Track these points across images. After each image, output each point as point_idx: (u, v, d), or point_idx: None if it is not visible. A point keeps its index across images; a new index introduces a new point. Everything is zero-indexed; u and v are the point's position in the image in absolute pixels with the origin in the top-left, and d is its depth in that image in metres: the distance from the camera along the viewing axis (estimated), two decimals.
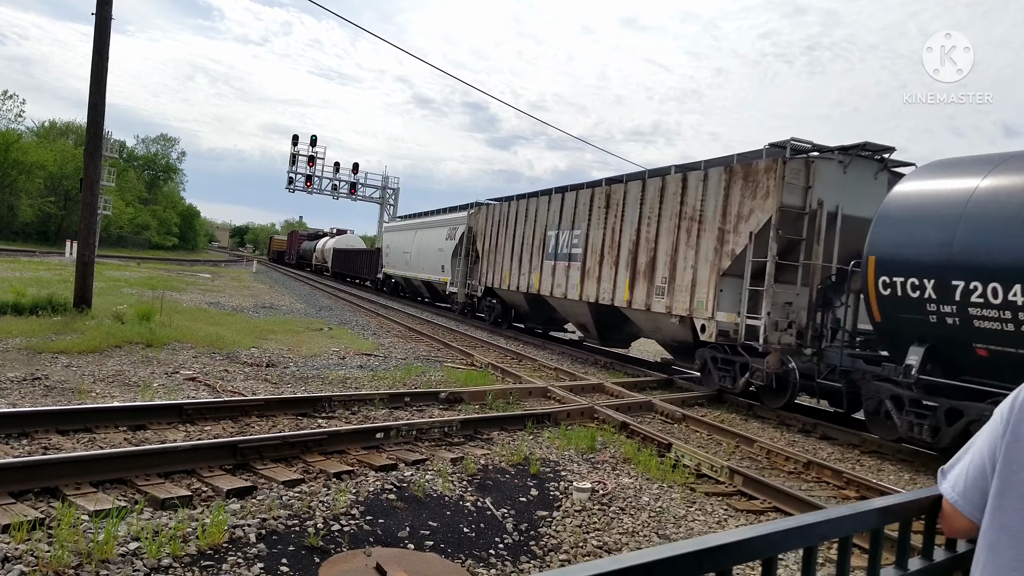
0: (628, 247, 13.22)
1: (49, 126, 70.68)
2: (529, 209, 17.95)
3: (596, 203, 14.69)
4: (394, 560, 3.92)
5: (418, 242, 26.86)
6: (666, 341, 13.16)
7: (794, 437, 8.96)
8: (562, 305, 16.29)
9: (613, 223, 13.87)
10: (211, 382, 8.43)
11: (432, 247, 24.98)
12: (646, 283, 12.48)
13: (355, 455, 5.90)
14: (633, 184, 13.52)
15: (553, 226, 16.44)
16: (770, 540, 1.32)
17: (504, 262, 18.92)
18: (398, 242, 30.06)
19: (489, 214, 20.61)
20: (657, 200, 12.46)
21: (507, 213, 19.19)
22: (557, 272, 15.94)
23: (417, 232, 27.42)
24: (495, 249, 19.75)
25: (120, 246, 62.63)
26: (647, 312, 12.54)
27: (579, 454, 6.78)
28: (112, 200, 52.91)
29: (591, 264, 14.45)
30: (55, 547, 3.52)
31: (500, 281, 19.16)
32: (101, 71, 13.23)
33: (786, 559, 4.46)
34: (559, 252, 15.95)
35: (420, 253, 26.40)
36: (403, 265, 28.95)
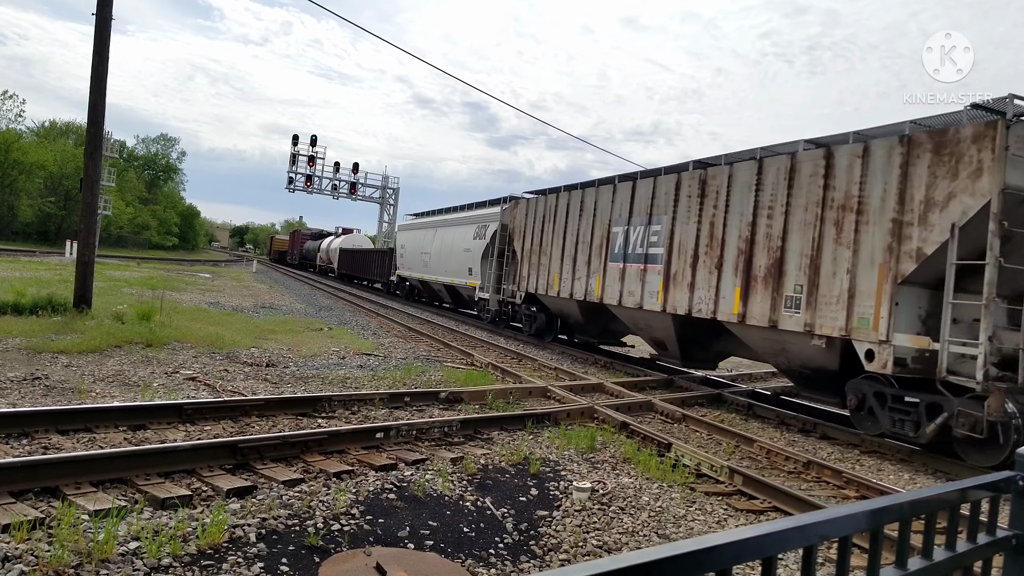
0: (737, 246, 10.44)
1: (49, 126, 70.74)
2: (585, 202, 15.12)
3: (684, 192, 11.92)
4: (394, 560, 3.92)
5: (440, 242, 24.67)
6: (792, 367, 10.04)
7: (794, 437, 8.97)
8: (632, 317, 13.48)
9: (712, 216, 11.11)
10: (211, 382, 8.43)
11: (457, 247, 22.80)
12: (768, 292, 9.72)
13: (355, 455, 5.90)
14: (743, 167, 10.64)
15: (620, 221, 13.64)
16: (770, 540, 1.32)
17: (551, 264, 16.26)
18: (415, 242, 27.74)
19: (530, 209, 17.83)
20: (783, 185, 9.64)
21: (554, 207, 16.52)
22: (628, 277, 13.21)
23: (438, 231, 25.23)
24: (538, 249, 17.04)
25: (120, 246, 62.64)
26: (771, 330, 9.66)
27: (579, 454, 6.78)
28: (112, 200, 52.92)
29: (679, 267, 11.75)
30: (55, 547, 3.52)
31: (546, 286, 16.44)
32: (101, 71, 13.23)
33: (786, 559, 4.46)
34: (629, 252, 13.24)
35: (442, 254, 24.22)
36: (421, 267, 26.70)
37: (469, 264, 21.66)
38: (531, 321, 17.97)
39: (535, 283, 17.14)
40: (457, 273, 22.79)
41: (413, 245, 28.04)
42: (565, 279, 15.59)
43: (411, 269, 28.24)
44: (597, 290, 14.21)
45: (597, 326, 15.87)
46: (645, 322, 13.22)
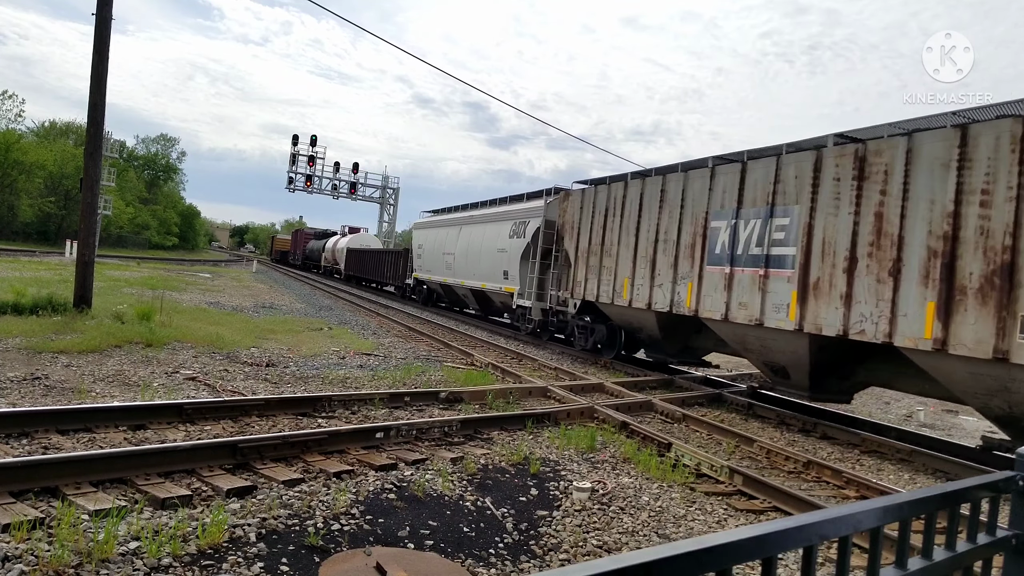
0: (927, 245, 7.80)
1: (49, 126, 70.75)
2: (669, 191, 12.28)
3: (828, 173, 9.13)
4: (394, 560, 3.92)
5: (466, 241, 22.17)
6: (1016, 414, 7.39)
7: (794, 437, 8.97)
8: (740, 335, 10.55)
9: (878, 204, 8.40)
10: (211, 382, 8.43)
11: (488, 247, 20.33)
12: (989, 310, 7.12)
13: (355, 455, 5.90)
14: (927, 138, 7.95)
15: (723, 214, 10.83)
16: (770, 540, 1.32)
17: (618, 268, 13.49)
18: (436, 241, 25.11)
19: (586, 202, 15.07)
20: (1007, 160, 7.11)
21: (620, 199, 13.67)
22: (738, 284, 10.34)
23: (463, 229, 22.75)
24: (599, 250, 14.28)
25: (120, 246, 62.66)
26: (994, 364, 7.10)
27: (579, 454, 6.78)
28: (112, 200, 52.93)
29: (822, 273, 9.03)
30: (55, 546, 3.52)
31: (610, 294, 13.66)
32: (101, 71, 13.23)
33: (786, 559, 4.46)
34: (739, 254, 10.40)
35: (469, 255, 21.69)
36: (442, 269, 24.14)
37: (504, 267, 19.12)
38: (586, 334, 15.26)
39: (595, 289, 14.27)
40: (489, 276, 20.20)
41: (433, 245, 25.39)
42: (639, 285, 12.78)
43: (431, 272, 25.68)
44: (689, 300, 11.38)
45: (677, 342, 12.99)
46: (761, 342, 10.23)
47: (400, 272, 30.89)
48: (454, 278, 23.10)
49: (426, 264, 26.37)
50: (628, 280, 13.17)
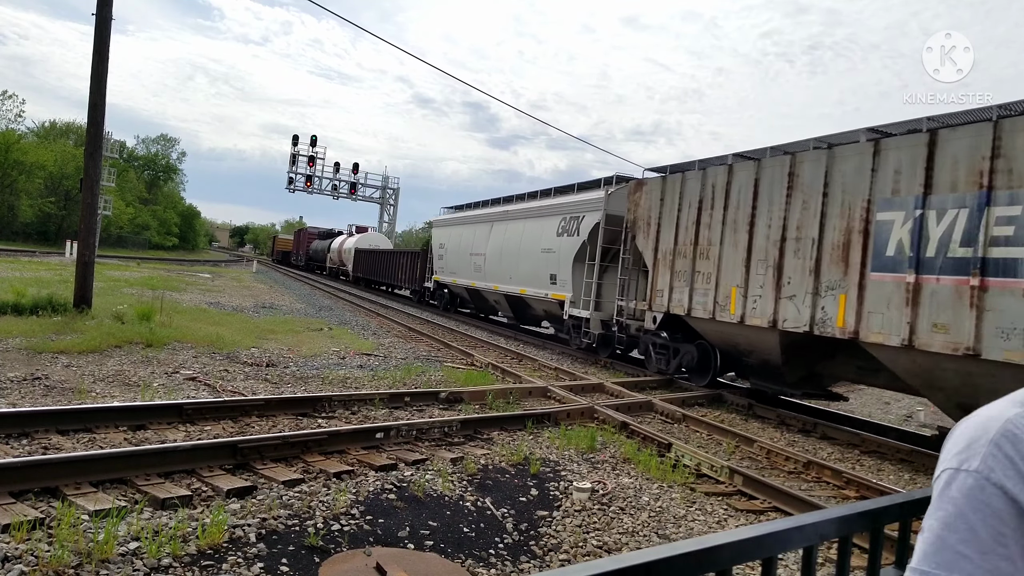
0: None
1: (49, 126, 70.76)
2: (802, 173, 9.49)
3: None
4: (394, 560, 3.92)
5: (499, 240, 19.47)
6: None
7: (794, 437, 8.97)
8: (930, 368, 7.86)
9: None
10: (211, 382, 8.43)
11: (529, 247, 17.64)
12: None
13: (355, 455, 5.90)
14: None
15: (897, 203, 8.21)
16: (770, 540, 1.32)
17: (721, 274, 10.77)
18: (461, 241, 22.42)
19: (669, 192, 12.32)
20: None
21: (723, 187, 10.92)
22: (929, 298, 7.71)
23: (495, 226, 20.02)
24: (690, 250, 11.56)
25: (120, 246, 62.65)
26: None
27: (579, 454, 6.78)
28: (112, 200, 52.94)
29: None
30: (55, 547, 3.52)
31: (708, 306, 10.97)
32: (101, 71, 13.23)
33: (786, 559, 4.46)
34: (928, 256, 7.78)
35: (504, 255, 18.98)
36: (469, 271, 21.49)
37: (551, 270, 16.36)
38: (666, 355, 12.46)
39: (684, 300, 11.54)
40: (530, 280, 17.38)
41: (458, 244, 22.62)
42: (756, 297, 10.00)
43: (455, 274, 22.90)
44: (841, 317, 8.68)
45: (801, 368, 10.18)
46: (968, 380, 7.51)
47: (417, 274, 28.26)
48: (484, 282, 20.30)
49: (449, 266, 23.51)
50: (738, 289, 10.32)
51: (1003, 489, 0.95)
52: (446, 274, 23.91)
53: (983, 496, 0.96)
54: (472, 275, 21.37)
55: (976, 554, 0.93)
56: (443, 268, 24.26)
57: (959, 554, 0.94)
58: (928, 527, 1.00)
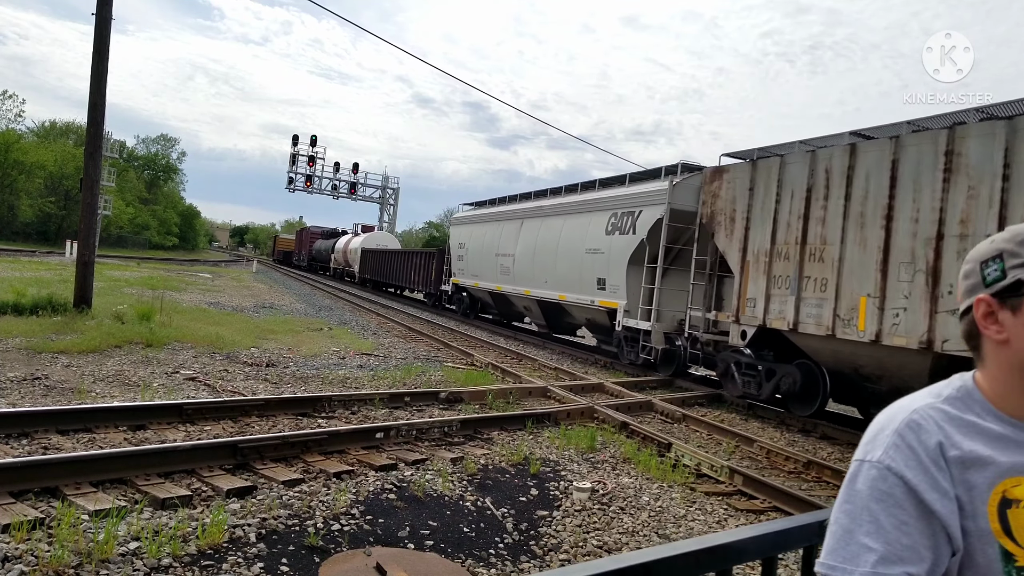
0: None
1: (49, 126, 70.76)
2: (967, 152, 7.55)
3: None
4: (394, 560, 3.92)
5: (531, 239, 17.28)
6: None
7: (794, 437, 8.97)
8: None
9: None
10: (211, 382, 8.43)
11: (570, 247, 15.39)
12: None
13: (355, 455, 5.90)
14: None
15: None
16: (770, 540, 1.32)
17: (842, 278, 8.71)
18: (484, 240, 20.22)
19: (761, 179, 10.26)
20: None
21: (841, 171, 8.91)
22: None
23: (526, 224, 17.88)
24: (794, 250, 9.47)
25: (120, 246, 62.64)
26: None
27: (579, 454, 6.78)
28: (112, 200, 52.96)
29: None
30: (55, 547, 3.52)
31: (823, 319, 8.88)
32: (101, 71, 13.23)
33: (786, 559, 4.46)
34: None
35: (538, 256, 16.82)
36: (494, 274, 19.30)
37: (600, 273, 14.12)
38: (757, 377, 10.21)
39: (786, 312, 9.46)
40: (571, 285, 15.19)
41: (480, 244, 20.49)
42: (897, 310, 8.00)
43: (477, 276, 20.65)
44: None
45: None
46: None
47: (432, 277, 26.07)
48: (512, 286, 18.14)
49: (470, 267, 21.23)
50: (869, 300, 8.32)
51: (903, 479, 0.97)
52: (467, 276, 21.58)
53: (884, 486, 0.98)
54: (497, 278, 19.10)
55: (880, 545, 0.94)
56: (463, 270, 21.88)
57: (863, 546, 0.95)
58: (835, 520, 1.01)
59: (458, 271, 22.50)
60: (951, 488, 0.97)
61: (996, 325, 1.03)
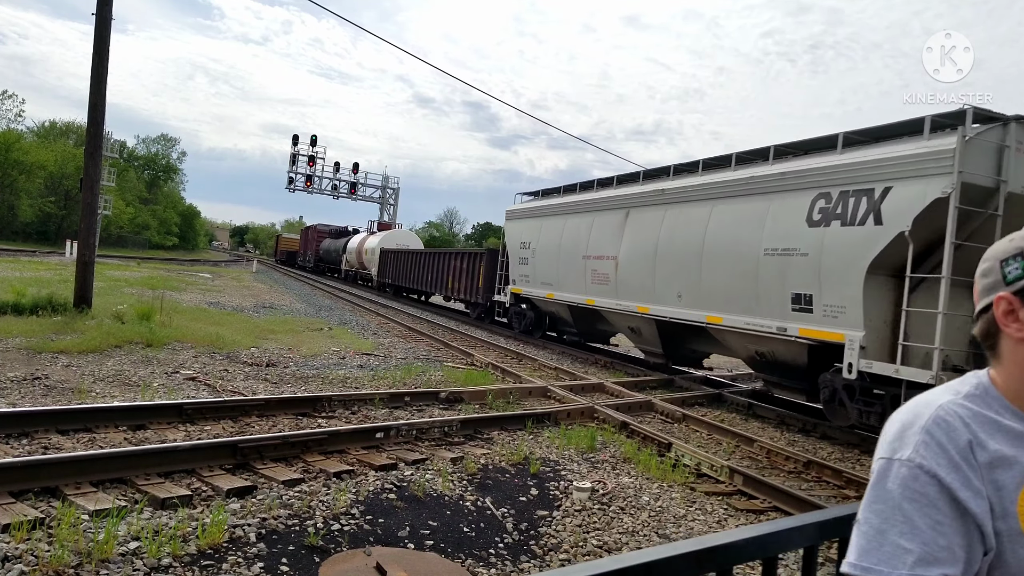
0: None
1: (49, 126, 70.77)
2: None
3: None
4: (394, 560, 3.92)
5: (650, 234, 12.45)
6: None
7: (794, 437, 8.96)
8: None
9: None
10: (211, 382, 8.43)
11: (734, 247, 10.47)
12: None
13: (355, 455, 5.90)
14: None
15: None
16: (770, 540, 1.32)
17: None
18: (564, 237, 15.49)
19: None
20: None
21: None
22: None
23: (637, 214, 13.04)
24: None
25: (120, 246, 62.66)
26: None
27: (579, 454, 6.78)
28: (112, 200, 52.89)
29: None
30: (55, 547, 3.52)
31: None
32: (101, 71, 13.23)
33: (786, 559, 4.46)
34: None
35: (664, 259, 12.05)
36: (584, 283, 14.50)
37: (800, 286, 9.27)
38: None
39: None
40: (733, 303, 10.42)
41: (556, 243, 15.80)
42: None
43: (552, 285, 15.96)
44: None
45: None
46: None
47: (478, 283, 21.17)
48: (613, 300, 13.38)
49: (540, 273, 16.69)
50: None
51: (936, 477, 0.96)
52: (534, 285, 17.03)
53: (917, 485, 0.96)
54: (587, 288, 14.42)
55: (917, 545, 0.93)
56: (527, 276, 17.35)
57: (899, 547, 0.94)
58: (865, 520, 1.00)
59: (520, 278, 17.77)
60: (982, 487, 0.97)
61: (1017, 323, 1.02)
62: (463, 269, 22.66)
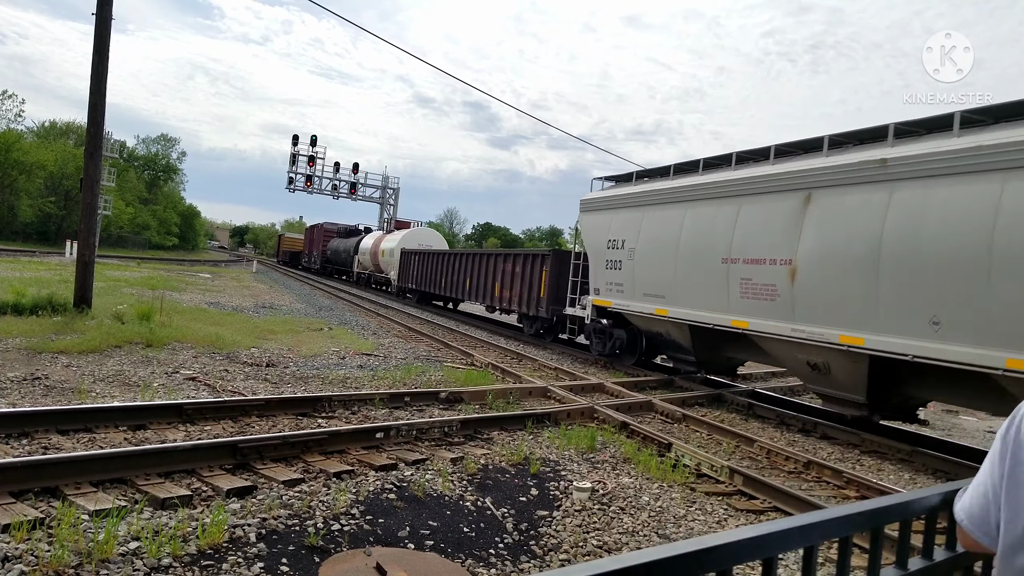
0: None
1: (49, 126, 70.76)
2: None
3: None
4: (394, 560, 3.92)
5: (868, 227, 8.10)
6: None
7: (794, 437, 8.96)
8: None
9: None
10: (211, 382, 8.43)
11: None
12: None
13: (355, 455, 5.90)
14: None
15: None
16: (770, 540, 1.32)
17: None
18: (684, 232, 11.43)
19: None
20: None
21: None
22: None
23: (833, 198, 8.74)
24: None
25: (120, 246, 62.65)
26: None
27: (579, 454, 6.78)
28: (112, 200, 52.90)
29: None
30: (55, 547, 3.52)
31: None
32: (101, 71, 13.23)
33: (786, 559, 4.46)
34: None
35: (910, 270, 7.63)
36: (719, 297, 10.39)
37: None
38: None
39: None
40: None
41: (672, 240, 11.70)
42: None
43: (665, 298, 11.85)
44: None
45: None
46: None
47: (538, 293, 17.09)
48: (784, 322, 9.25)
49: (640, 281, 12.52)
50: None
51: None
52: (631, 296, 12.76)
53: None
54: (729, 303, 10.23)
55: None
56: (619, 285, 13.10)
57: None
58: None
59: (608, 287, 13.44)
60: None
61: None
62: (517, 274, 18.48)
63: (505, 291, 19.17)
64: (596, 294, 14.01)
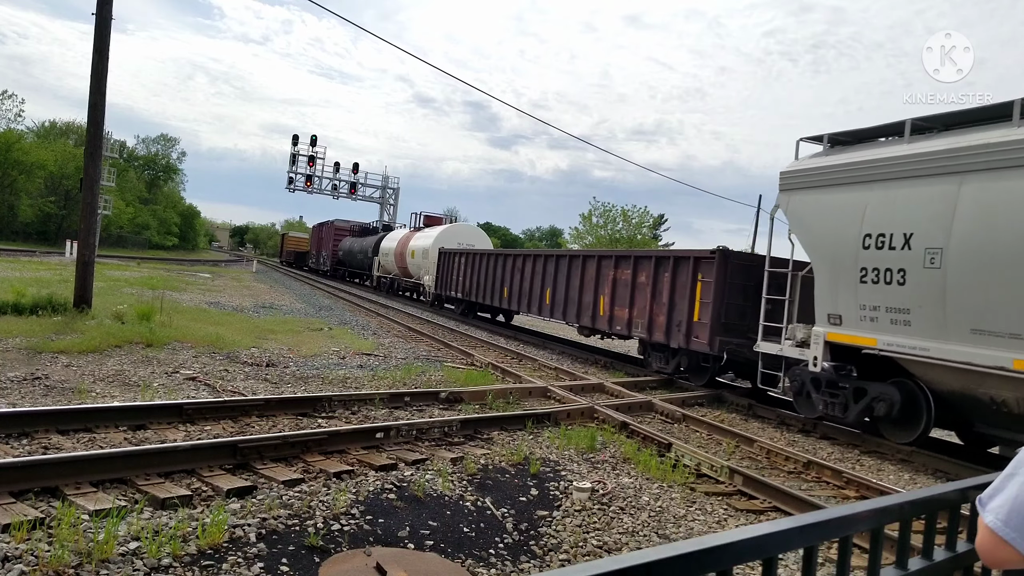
0: None
1: (49, 126, 70.75)
2: None
3: None
4: (394, 560, 3.92)
5: None
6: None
7: (794, 437, 8.96)
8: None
9: None
10: (211, 382, 8.43)
11: None
12: None
13: (355, 455, 5.90)
14: None
15: None
16: (770, 540, 1.32)
17: None
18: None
19: None
20: None
21: None
22: None
23: None
24: None
25: (120, 246, 62.63)
26: None
27: (579, 454, 6.78)
28: (112, 200, 52.90)
29: None
30: (55, 547, 3.52)
31: None
32: (101, 71, 13.23)
33: (786, 559, 4.46)
34: None
35: None
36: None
37: None
38: None
39: None
40: None
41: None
42: None
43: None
44: None
45: None
46: None
47: (690, 316, 11.72)
48: None
49: (958, 308, 7.27)
50: None
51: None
52: (930, 332, 7.59)
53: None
54: None
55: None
56: (896, 311, 7.95)
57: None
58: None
59: (871, 313, 8.27)
60: None
61: None
62: (642, 285, 13.28)
63: (620, 309, 13.91)
64: (834, 324, 8.82)
